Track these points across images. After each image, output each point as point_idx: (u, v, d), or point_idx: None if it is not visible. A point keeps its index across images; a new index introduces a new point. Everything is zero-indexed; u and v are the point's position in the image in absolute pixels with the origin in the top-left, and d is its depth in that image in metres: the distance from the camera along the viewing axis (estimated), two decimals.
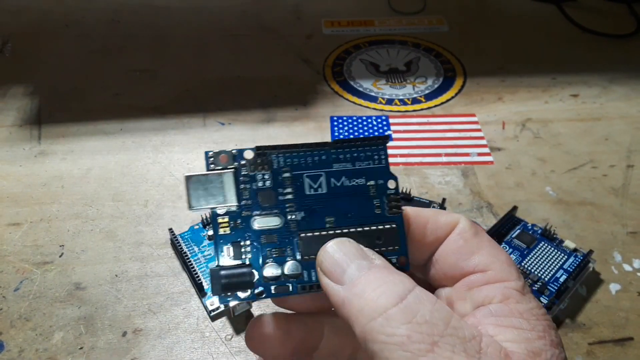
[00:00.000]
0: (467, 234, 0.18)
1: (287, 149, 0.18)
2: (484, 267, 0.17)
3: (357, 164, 0.18)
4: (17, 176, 0.41)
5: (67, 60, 0.52)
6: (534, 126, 0.46)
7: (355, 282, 0.15)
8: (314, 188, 0.18)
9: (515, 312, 0.16)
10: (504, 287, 0.16)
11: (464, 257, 0.17)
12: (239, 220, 0.18)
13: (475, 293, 0.17)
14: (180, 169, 0.42)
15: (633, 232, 0.37)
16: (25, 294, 0.33)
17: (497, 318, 0.16)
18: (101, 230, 0.37)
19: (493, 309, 0.16)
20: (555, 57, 0.54)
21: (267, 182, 0.18)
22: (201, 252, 0.35)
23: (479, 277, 0.17)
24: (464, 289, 0.17)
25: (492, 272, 0.17)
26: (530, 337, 0.15)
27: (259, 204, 0.18)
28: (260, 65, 0.52)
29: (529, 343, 0.15)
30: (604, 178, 0.41)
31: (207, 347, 0.31)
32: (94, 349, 0.30)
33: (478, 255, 0.17)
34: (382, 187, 0.18)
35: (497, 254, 0.17)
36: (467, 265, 0.17)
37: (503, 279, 0.17)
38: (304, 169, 0.18)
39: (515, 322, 0.15)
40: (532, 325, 0.15)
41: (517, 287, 0.16)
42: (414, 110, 0.48)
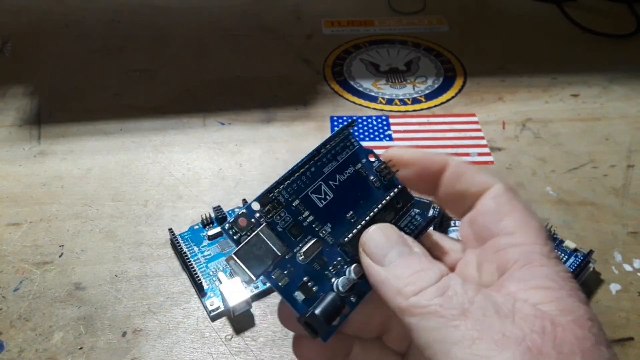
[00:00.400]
0: (502, 198, 0.18)
1: (281, 183, 0.19)
2: (512, 230, 0.17)
3: (339, 158, 0.20)
4: (16, 176, 0.41)
5: (67, 60, 0.52)
6: (534, 126, 0.46)
7: (395, 264, 0.17)
8: (322, 198, 0.19)
9: (540, 275, 0.16)
10: (528, 251, 0.17)
11: (495, 219, 0.18)
12: (289, 265, 0.18)
13: (500, 255, 0.17)
14: (180, 168, 0.42)
15: (633, 232, 0.37)
16: (25, 294, 0.33)
17: (524, 282, 0.16)
18: (101, 230, 0.37)
19: (517, 275, 0.16)
20: (556, 57, 0.54)
21: (287, 217, 0.19)
22: (201, 252, 0.35)
23: (506, 239, 0.17)
24: (491, 251, 0.17)
25: (519, 235, 0.17)
26: (560, 295, 0.15)
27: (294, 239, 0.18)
28: (260, 65, 0.52)
29: (559, 302, 0.15)
30: (605, 178, 0.41)
31: (207, 347, 0.30)
32: (93, 349, 0.30)
33: (508, 219, 0.17)
34: (367, 164, 0.20)
35: (528, 220, 0.17)
36: (495, 228, 0.18)
37: (530, 242, 0.17)
38: (305, 188, 0.19)
39: (542, 283, 0.16)
40: (560, 284, 0.16)
41: (541, 251, 0.17)
42: (414, 110, 0.48)
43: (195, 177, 0.41)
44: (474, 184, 0.19)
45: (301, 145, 0.44)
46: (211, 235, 0.36)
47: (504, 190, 0.18)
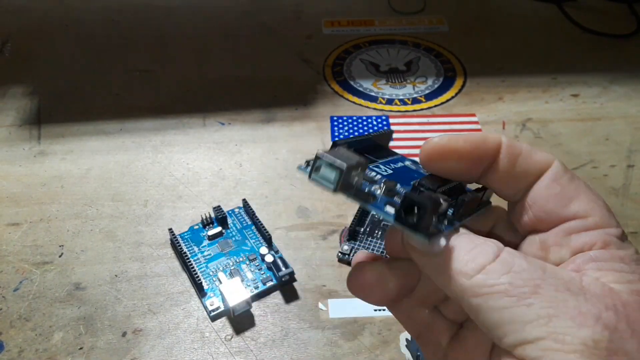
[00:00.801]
0: (564, 179, 0.17)
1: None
2: (584, 213, 0.16)
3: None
4: (16, 176, 0.41)
5: (67, 60, 0.52)
6: (535, 126, 0.46)
7: (448, 247, 0.16)
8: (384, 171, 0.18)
9: (617, 257, 0.15)
10: (604, 234, 0.16)
11: (562, 203, 0.17)
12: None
13: (574, 239, 0.16)
14: (180, 168, 0.42)
15: (634, 232, 0.37)
16: (25, 294, 0.33)
17: (598, 263, 0.15)
18: (101, 231, 0.37)
19: (593, 255, 0.16)
20: (556, 57, 0.54)
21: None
22: (201, 252, 0.35)
23: (579, 223, 0.16)
24: (561, 235, 0.17)
25: (592, 218, 0.16)
26: (632, 279, 0.15)
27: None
28: (260, 65, 0.52)
29: (631, 284, 0.15)
30: (605, 178, 0.41)
31: (207, 348, 0.30)
32: (93, 349, 0.30)
33: (577, 202, 0.17)
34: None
35: (596, 200, 0.17)
36: (566, 212, 0.17)
37: (603, 226, 0.16)
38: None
39: (616, 266, 0.15)
40: (633, 269, 0.15)
41: (617, 234, 0.16)
42: (414, 110, 0.48)
43: (195, 177, 0.41)
44: (531, 165, 0.17)
45: (301, 145, 0.44)
46: (211, 235, 0.36)
47: (564, 170, 0.17)
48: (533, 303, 0.14)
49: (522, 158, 0.17)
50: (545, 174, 0.17)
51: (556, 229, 0.17)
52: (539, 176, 0.17)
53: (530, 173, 0.17)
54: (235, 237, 0.36)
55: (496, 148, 0.18)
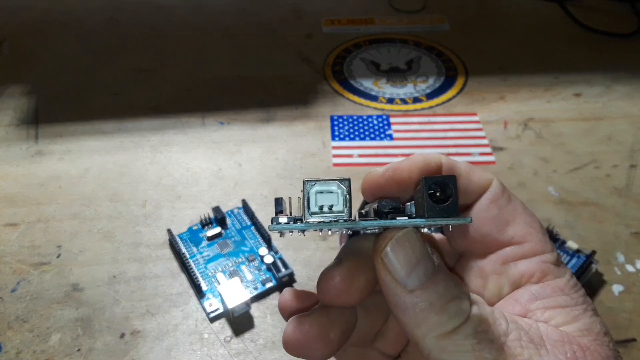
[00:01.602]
0: (501, 200, 0.17)
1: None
2: (520, 238, 0.16)
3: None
4: (14, 176, 0.40)
5: (65, 60, 0.52)
6: (536, 126, 0.46)
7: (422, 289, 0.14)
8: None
9: (557, 290, 0.15)
10: (541, 262, 0.16)
11: (498, 227, 0.16)
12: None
13: (512, 268, 0.16)
14: (179, 168, 0.41)
15: (636, 232, 0.37)
16: (23, 295, 0.33)
17: (543, 301, 0.15)
18: (99, 231, 0.36)
19: (535, 291, 0.15)
20: (558, 56, 0.53)
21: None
22: (200, 252, 0.35)
23: (516, 250, 0.16)
24: (499, 263, 0.16)
25: (528, 244, 0.16)
26: (577, 314, 0.15)
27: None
28: (260, 65, 0.52)
29: (578, 321, 0.15)
30: (607, 178, 0.41)
31: (206, 349, 0.30)
32: (91, 351, 0.30)
33: (514, 226, 0.16)
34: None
35: (532, 223, 0.16)
36: (502, 237, 0.16)
37: (539, 252, 0.16)
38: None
39: (560, 301, 0.15)
40: (574, 299, 0.15)
41: (553, 260, 0.16)
42: (415, 109, 0.48)
43: (194, 177, 0.41)
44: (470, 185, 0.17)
45: (301, 145, 0.44)
46: (210, 236, 0.35)
47: (502, 191, 0.17)
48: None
49: (462, 180, 0.17)
50: (484, 195, 0.17)
51: (494, 255, 0.17)
52: (478, 197, 0.17)
53: (469, 194, 0.17)
54: (235, 237, 0.35)
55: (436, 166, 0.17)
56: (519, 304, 0.16)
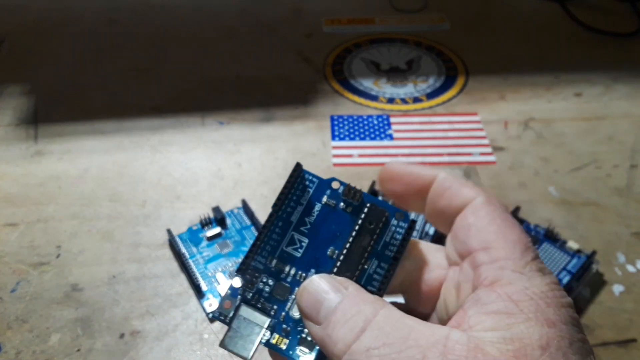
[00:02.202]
0: (482, 211, 0.17)
1: (253, 250, 0.19)
2: (487, 244, 0.16)
3: (303, 201, 0.19)
4: (13, 176, 0.40)
5: (64, 59, 0.52)
6: (537, 125, 0.46)
7: (327, 320, 0.16)
8: (299, 247, 0.19)
9: (503, 295, 0.15)
10: (497, 267, 0.16)
11: (471, 234, 0.17)
12: (285, 327, 0.18)
13: (475, 274, 0.16)
14: (179, 168, 0.41)
15: (637, 232, 0.37)
16: (22, 295, 0.33)
17: (482, 306, 0.15)
18: (98, 231, 0.36)
19: (478, 296, 0.15)
20: (558, 56, 0.53)
21: (270, 280, 0.18)
22: (199, 253, 0.35)
23: (481, 255, 0.16)
24: (468, 269, 0.17)
25: (493, 250, 0.16)
26: (514, 321, 0.14)
27: (281, 299, 0.18)
28: (260, 64, 0.52)
29: (508, 329, 0.14)
30: (608, 178, 0.41)
31: (205, 350, 0.30)
32: (91, 351, 0.30)
33: (483, 232, 0.17)
34: (333, 194, 0.19)
35: (506, 232, 0.16)
36: (472, 243, 0.17)
37: (501, 258, 0.16)
38: (279, 245, 0.19)
39: (499, 307, 0.15)
40: (522, 307, 0.14)
41: (513, 266, 0.15)
42: (415, 109, 0.47)
43: (194, 177, 0.41)
44: (456, 198, 0.18)
45: (301, 144, 0.43)
46: (210, 236, 0.35)
47: (484, 203, 0.17)
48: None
49: (451, 191, 0.18)
50: (467, 207, 0.18)
51: (466, 262, 0.17)
52: (461, 208, 0.18)
53: (455, 206, 0.18)
54: (235, 237, 0.35)
55: (428, 181, 0.19)
56: (462, 309, 0.15)
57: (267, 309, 0.18)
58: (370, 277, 0.18)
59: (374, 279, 0.18)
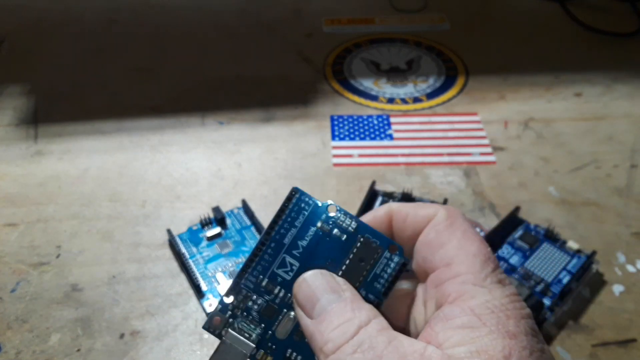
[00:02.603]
0: (440, 225, 0.18)
1: (244, 270, 0.19)
2: (448, 260, 0.17)
3: (297, 223, 0.19)
4: (13, 176, 0.40)
5: (64, 59, 0.52)
6: (537, 125, 0.46)
7: (321, 317, 0.17)
8: (289, 270, 0.19)
9: (467, 310, 0.15)
10: (459, 283, 0.16)
11: (432, 250, 0.17)
12: (270, 344, 0.18)
13: (439, 291, 0.17)
14: (179, 168, 0.41)
15: (637, 232, 0.37)
16: (22, 296, 0.33)
17: (448, 321, 0.15)
18: (98, 231, 0.36)
19: (444, 313, 0.16)
20: (558, 56, 0.53)
21: (259, 300, 0.19)
22: (199, 253, 0.35)
23: (444, 272, 0.17)
24: (432, 286, 0.17)
25: (455, 266, 0.17)
26: (478, 335, 0.15)
27: (269, 320, 0.19)
28: (260, 64, 0.52)
29: (474, 343, 0.15)
30: (608, 178, 0.41)
31: (205, 349, 0.30)
32: (91, 351, 0.30)
33: (444, 248, 0.17)
34: (327, 219, 0.19)
35: (466, 245, 0.17)
36: (433, 260, 0.17)
37: (462, 273, 0.16)
38: (270, 266, 0.19)
39: (464, 322, 0.15)
40: (484, 320, 0.15)
41: (473, 280, 0.16)
42: (415, 109, 0.47)
43: (194, 177, 0.41)
44: (417, 220, 0.18)
45: (301, 144, 0.43)
46: (210, 236, 0.35)
47: (444, 217, 0.18)
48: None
49: (410, 217, 0.18)
50: (428, 225, 0.18)
51: (429, 279, 0.17)
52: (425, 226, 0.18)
53: (416, 229, 0.18)
54: (234, 237, 0.35)
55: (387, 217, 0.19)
56: (429, 326, 0.16)
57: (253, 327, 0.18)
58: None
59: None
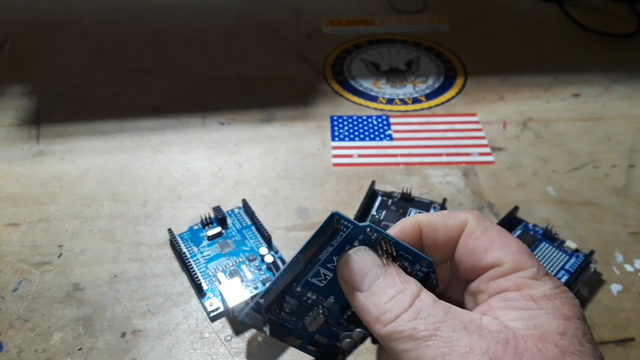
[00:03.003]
0: (477, 233, 0.19)
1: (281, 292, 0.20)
2: (498, 261, 0.18)
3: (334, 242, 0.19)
4: (15, 176, 0.41)
5: (65, 60, 0.52)
6: (536, 126, 0.46)
7: (372, 290, 0.18)
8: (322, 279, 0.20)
9: (526, 297, 0.17)
10: (517, 277, 0.18)
11: (479, 257, 0.19)
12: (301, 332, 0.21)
13: (491, 285, 0.18)
14: (179, 168, 0.41)
15: (635, 232, 0.37)
16: (24, 295, 0.33)
17: (506, 302, 0.17)
18: (100, 231, 0.37)
19: (505, 295, 0.18)
20: (557, 57, 0.54)
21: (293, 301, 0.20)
22: (200, 252, 0.35)
23: (497, 270, 0.18)
24: (484, 282, 0.19)
25: (507, 264, 0.18)
26: (536, 314, 0.16)
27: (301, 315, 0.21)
28: (260, 65, 0.52)
29: (531, 319, 0.16)
30: (606, 178, 0.41)
31: (206, 348, 0.30)
32: (92, 350, 0.30)
33: (491, 252, 0.19)
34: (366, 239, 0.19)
35: (509, 245, 0.19)
36: (483, 264, 0.19)
37: (516, 269, 0.18)
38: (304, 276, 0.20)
39: (522, 304, 0.17)
40: (540, 305, 0.17)
41: (530, 275, 0.18)
42: (415, 110, 0.48)
43: (195, 177, 0.41)
44: (449, 231, 0.20)
45: (301, 145, 0.44)
46: (210, 236, 0.35)
47: (476, 224, 0.19)
48: (431, 344, 0.16)
49: (441, 228, 0.20)
50: (462, 234, 0.20)
51: (481, 277, 0.19)
52: (458, 236, 0.20)
53: (450, 238, 0.20)
54: (235, 237, 0.36)
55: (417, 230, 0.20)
56: (487, 304, 0.18)
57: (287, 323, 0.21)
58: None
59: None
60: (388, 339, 0.17)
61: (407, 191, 0.37)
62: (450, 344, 0.16)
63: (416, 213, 0.36)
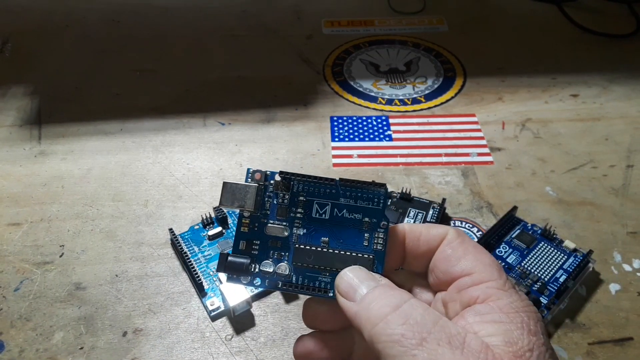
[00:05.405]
0: (454, 243, 0.21)
1: (305, 178, 0.22)
2: (469, 270, 0.20)
3: (359, 202, 0.22)
4: (17, 176, 0.41)
5: (67, 60, 0.52)
6: (534, 126, 0.46)
7: (364, 298, 0.19)
8: (319, 213, 0.22)
9: (496, 308, 0.18)
10: (485, 287, 0.19)
11: (452, 263, 0.20)
12: (257, 224, 0.22)
13: (463, 294, 0.19)
14: (181, 169, 0.42)
15: (633, 232, 0.37)
16: (26, 294, 0.33)
17: (481, 316, 0.18)
18: (101, 230, 0.37)
19: (477, 309, 0.19)
20: (555, 57, 0.54)
21: (285, 200, 0.22)
22: (201, 252, 0.35)
23: (466, 280, 0.20)
24: (454, 292, 0.20)
25: (476, 274, 0.20)
26: (509, 328, 0.17)
27: (275, 215, 0.22)
28: (261, 65, 0.52)
29: (506, 334, 0.17)
30: (604, 178, 0.41)
31: (207, 347, 0.31)
32: (94, 349, 0.30)
33: (464, 261, 0.20)
34: (374, 225, 0.21)
35: (481, 258, 0.20)
36: (455, 271, 0.20)
37: (485, 280, 0.19)
38: (316, 196, 0.22)
39: (495, 317, 0.18)
40: (511, 318, 0.18)
41: (497, 286, 0.19)
42: (414, 110, 0.48)
43: (196, 177, 0.41)
44: (430, 240, 0.21)
45: (301, 145, 0.44)
46: (211, 235, 0.36)
47: (455, 236, 0.21)
48: (416, 355, 0.16)
49: (423, 236, 0.21)
50: (442, 243, 0.21)
51: (451, 287, 0.20)
52: (439, 244, 0.21)
53: (430, 246, 0.21)
54: None
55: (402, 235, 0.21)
56: (463, 318, 0.19)
57: (264, 206, 0.22)
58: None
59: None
60: (377, 339, 0.17)
61: (407, 191, 0.37)
62: (434, 357, 0.16)
63: (416, 213, 0.36)
